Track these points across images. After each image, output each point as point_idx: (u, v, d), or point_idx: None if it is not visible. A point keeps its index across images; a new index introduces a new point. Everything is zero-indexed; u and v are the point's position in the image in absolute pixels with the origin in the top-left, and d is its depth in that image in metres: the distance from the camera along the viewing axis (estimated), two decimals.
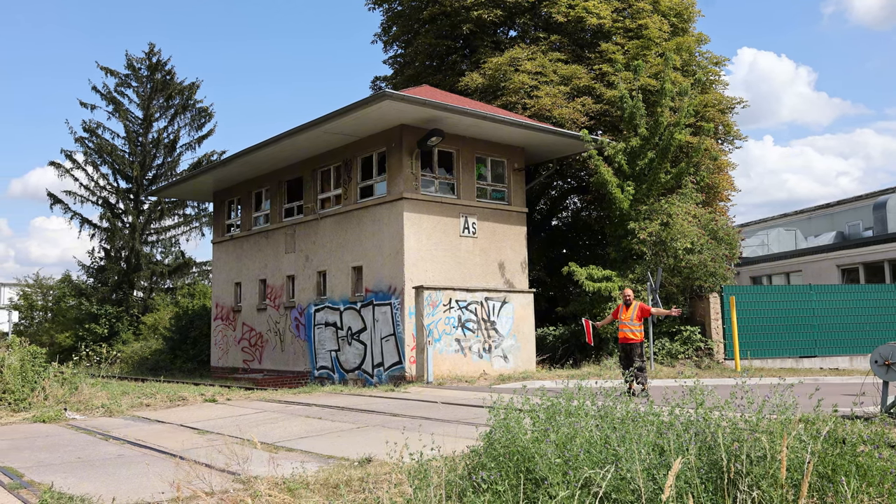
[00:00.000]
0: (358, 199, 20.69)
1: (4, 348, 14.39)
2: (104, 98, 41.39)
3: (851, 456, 4.23)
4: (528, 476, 4.48)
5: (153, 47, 42.40)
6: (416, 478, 4.64)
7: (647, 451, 4.35)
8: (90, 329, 37.74)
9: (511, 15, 27.48)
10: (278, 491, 5.54)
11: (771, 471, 4.04)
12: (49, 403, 13.10)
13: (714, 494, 4.12)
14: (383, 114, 18.40)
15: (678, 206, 20.92)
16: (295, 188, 23.84)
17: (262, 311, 24.67)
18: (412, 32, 30.35)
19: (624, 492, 4.10)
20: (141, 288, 41.66)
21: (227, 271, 26.92)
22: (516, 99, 23.91)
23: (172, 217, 42.66)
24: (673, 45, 24.99)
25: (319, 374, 21.50)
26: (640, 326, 13.43)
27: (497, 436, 4.91)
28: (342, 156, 21.29)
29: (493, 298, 19.98)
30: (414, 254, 18.90)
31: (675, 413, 4.95)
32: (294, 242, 23.13)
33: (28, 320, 47.34)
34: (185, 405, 13.73)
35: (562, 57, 25.55)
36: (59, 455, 8.33)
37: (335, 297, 21.18)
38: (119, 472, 7.17)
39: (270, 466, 6.48)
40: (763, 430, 4.37)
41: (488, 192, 21.14)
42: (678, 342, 20.63)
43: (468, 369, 18.98)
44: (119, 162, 41.22)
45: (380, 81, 32.58)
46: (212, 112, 42.79)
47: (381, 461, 6.86)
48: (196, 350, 31.12)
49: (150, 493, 6.09)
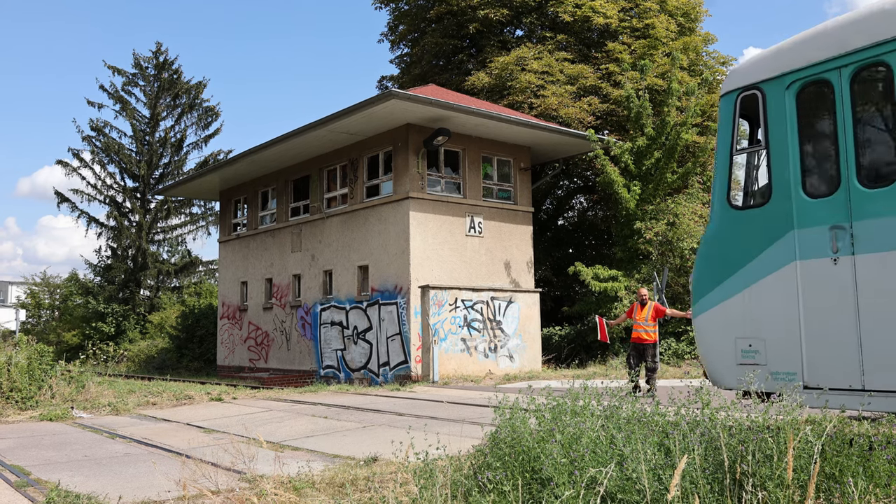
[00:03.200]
0: (364, 199, 20.70)
1: (12, 347, 14.46)
2: (111, 97, 41.60)
3: (858, 457, 4.22)
4: (533, 476, 4.47)
5: (160, 46, 42.59)
6: (422, 477, 4.64)
7: (652, 451, 4.34)
8: (97, 327, 37.90)
9: (518, 14, 27.47)
10: (284, 490, 5.55)
11: (777, 471, 4.03)
12: (56, 402, 13.15)
13: (720, 495, 4.10)
14: (390, 113, 18.41)
15: (685, 206, 20.88)
16: (301, 187, 23.88)
17: (268, 311, 24.72)
18: (419, 32, 30.37)
19: (629, 492, 4.09)
20: (147, 287, 41.81)
21: (234, 270, 26.97)
22: (523, 98, 23.90)
23: (179, 216, 42.82)
24: (680, 44, 24.94)
25: (325, 373, 21.53)
26: (654, 327, 13.14)
27: (502, 436, 4.91)
28: (348, 155, 21.31)
29: (499, 298, 19.97)
30: (420, 253, 18.91)
31: (680, 413, 4.94)
32: (300, 241, 23.17)
33: (35, 319, 47.60)
34: (192, 404, 13.77)
35: (568, 56, 25.53)
36: (66, 453, 8.36)
37: (341, 296, 21.20)
38: (125, 471, 7.19)
39: (276, 465, 6.48)
40: (769, 429, 4.36)
41: (494, 192, 21.12)
42: (684, 342, 20.60)
43: (474, 369, 18.97)
44: (126, 161, 41.37)
45: (386, 81, 32.61)
46: (218, 111, 42.98)
47: (386, 460, 6.86)
48: (202, 349, 31.20)
49: (157, 492, 6.11)
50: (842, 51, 6.22)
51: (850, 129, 6.14)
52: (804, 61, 6.50)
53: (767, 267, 6.56)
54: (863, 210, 5.98)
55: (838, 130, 6.22)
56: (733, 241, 6.87)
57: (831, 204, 6.18)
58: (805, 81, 6.51)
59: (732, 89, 7.03)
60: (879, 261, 5.84)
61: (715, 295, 6.98)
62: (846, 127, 6.17)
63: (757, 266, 6.64)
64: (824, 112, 6.44)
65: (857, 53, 6.11)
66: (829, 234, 6.15)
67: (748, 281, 6.70)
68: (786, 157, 6.50)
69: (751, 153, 6.96)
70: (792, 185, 6.43)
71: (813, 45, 6.48)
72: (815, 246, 6.25)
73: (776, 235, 6.50)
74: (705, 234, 7.24)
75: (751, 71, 6.94)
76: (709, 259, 7.10)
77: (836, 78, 6.26)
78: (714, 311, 7.00)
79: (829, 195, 6.22)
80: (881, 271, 5.82)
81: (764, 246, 6.60)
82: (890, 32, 5.84)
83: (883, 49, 5.86)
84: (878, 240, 5.86)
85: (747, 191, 7.01)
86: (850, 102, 6.17)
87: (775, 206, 6.53)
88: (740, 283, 6.75)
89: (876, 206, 5.88)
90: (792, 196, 6.42)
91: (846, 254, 6.05)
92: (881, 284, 5.83)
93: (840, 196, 6.13)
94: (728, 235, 6.92)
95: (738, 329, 6.77)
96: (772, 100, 6.66)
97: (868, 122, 6.21)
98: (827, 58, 6.31)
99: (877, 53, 5.93)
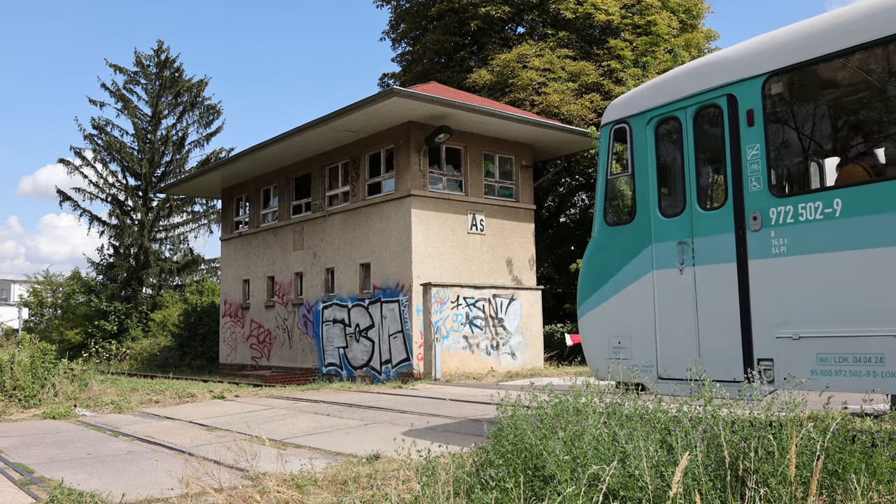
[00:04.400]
0: (366, 196, 20.71)
1: (15, 345, 14.49)
2: (113, 95, 41.58)
3: (861, 453, 4.21)
4: (535, 473, 4.48)
5: (162, 44, 42.57)
6: (425, 474, 4.64)
7: (654, 448, 4.34)
8: (99, 326, 37.94)
9: (519, 11, 27.44)
10: (287, 487, 5.56)
11: (780, 468, 4.03)
12: (59, 400, 13.18)
13: (722, 492, 4.10)
14: (391, 111, 18.40)
15: None
16: (303, 185, 23.89)
17: (270, 308, 24.74)
18: (420, 29, 30.35)
19: (632, 489, 4.09)
20: (150, 285, 41.84)
21: (236, 268, 27.00)
22: (524, 96, 23.88)
23: (181, 214, 42.83)
24: (682, 41, 24.91)
25: (327, 370, 21.55)
26: None
27: (505, 433, 4.91)
28: (350, 153, 21.31)
29: (501, 295, 19.97)
30: (422, 251, 18.91)
31: (683, 410, 4.94)
32: (302, 239, 23.18)
33: (38, 317, 47.67)
34: (194, 402, 13.79)
35: (570, 53, 25.50)
36: (70, 451, 8.38)
37: (343, 294, 21.21)
38: (129, 469, 7.20)
39: (279, 463, 6.49)
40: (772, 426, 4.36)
41: (496, 189, 21.11)
42: None
43: (476, 366, 18.98)
44: (128, 159, 41.39)
45: (388, 78, 32.60)
46: (220, 109, 42.95)
47: (389, 458, 6.87)
48: (205, 347, 31.24)
49: (160, 490, 6.12)
50: (686, 93, 7.34)
51: (692, 159, 7.28)
52: (662, 100, 7.58)
53: (632, 275, 7.68)
54: (701, 228, 7.07)
55: (685, 160, 7.35)
56: (608, 252, 7.99)
57: (679, 223, 7.29)
58: (661, 118, 7.60)
59: (608, 122, 8.10)
60: (711, 272, 6.93)
61: (594, 299, 8.08)
62: (689, 157, 7.30)
63: (625, 274, 7.75)
64: (674, 144, 7.56)
65: (697, 96, 7.22)
66: (677, 249, 7.26)
67: (618, 287, 7.83)
68: (646, 181, 7.61)
69: (621, 178, 8.12)
70: (651, 206, 7.54)
71: (667, 87, 7.59)
72: (666, 258, 7.36)
73: (639, 249, 7.62)
74: (588, 246, 8.27)
75: (623, 106, 8.03)
76: (589, 268, 8.19)
77: (682, 116, 7.37)
78: (593, 312, 8.09)
79: (677, 215, 7.31)
80: (712, 281, 6.90)
81: (630, 257, 7.71)
82: (720, 80, 7.00)
83: (716, 93, 7.02)
84: (710, 254, 6.95)
85: (618, 210, 8.35)
86: (692, 137, 7.29)
87: (638, 223, 7.65)
88: (612, 289, 7.89)
89: (709, 225, 6.96)
90: (650, 215, 7.54)
91: (689, 265, 7.16)
92: (712, 292, 6.89)
93: (685, 216, 7.24)
94: (604, 248, 8.04)
95: (611, 329, 7.87)
96: (636, 133, 7.77)
97: (705, 153, 7.35)
98: (676, 98, 7.41)
99: (712, 97, 7.06)
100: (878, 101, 6.82)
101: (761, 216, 6.56)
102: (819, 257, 6.22)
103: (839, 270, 6.08)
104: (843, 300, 6.08)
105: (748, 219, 6.67)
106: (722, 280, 6.80)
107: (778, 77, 6.71)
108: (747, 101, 6.78)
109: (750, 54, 6.93)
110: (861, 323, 5.98)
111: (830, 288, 6.15)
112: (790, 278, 6.39)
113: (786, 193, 6.72)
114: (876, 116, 6.99)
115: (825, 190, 6.68)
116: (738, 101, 6.85)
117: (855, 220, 5.99)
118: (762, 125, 6.65)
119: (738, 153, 6.81)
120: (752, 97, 6.75)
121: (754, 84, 6.77)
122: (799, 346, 6.35)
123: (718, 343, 6.82)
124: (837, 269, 6.09)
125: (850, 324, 6.03)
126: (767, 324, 6.52)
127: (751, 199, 6.67)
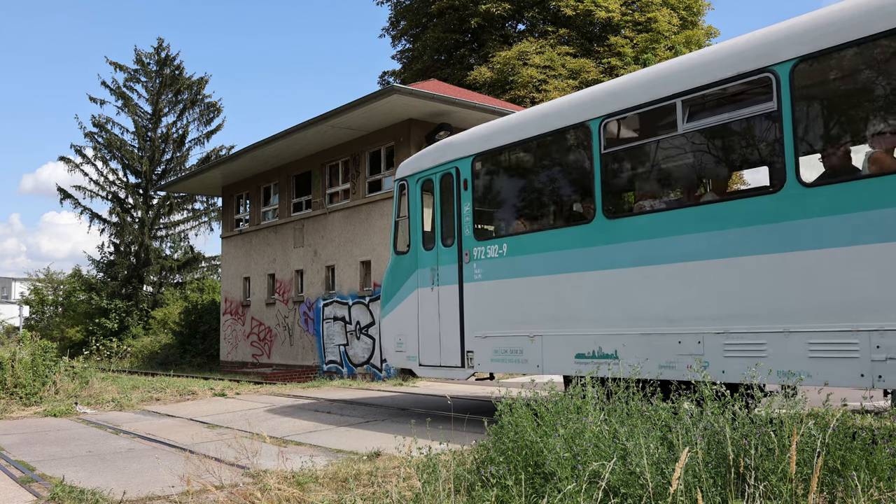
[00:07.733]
0: (366, 194, 20.70)
1: (16, 343, 14.49)
2: (113, 93, 41.55)
3: (861, 450, 4.21)
4: (536, 470, 4.48)
5: (162, 42, 42.55)
6: (425, 472, 4.65)
7: (655, 445, 4.34)
8: (100, 324, 37.94)
9: (519, 9, 27.41)
10: (287, 485, 5.56)
11: (780, 465, 4.03)
12: (60, 398, 13.19)
13: (722, 489, 4.11)
14: (391, 108, 18.39)
15: None
16: (303, 183, 23.87)
17: (270, 306, 24.75)
18: (420, 27, 30.32)
19: (632, 486, 4.10)
20: (150, 283, 41.84)
21: (236, 266, 27.00)
22: (525, 93, 23.87)
23: (181, 212, 42.81)
24: (682, 38, 24.89)
25: (328, 368, 21.56)
26: None
27: (505, 430, 4.91)
28: (350, 150, 21.30)
29: None
30: None
31: (683, 408, 4.94)
32: (302, 237, 23.18)
33: (39, 315, 47.68)
34: (195, 399, 13.80)
35: (570, 51, 25.48)
36: (71, 449, 8.39)
37: (343, 291, 21.22)
38: (129, 466, 7.21)
39: (279, 460, 6.50)
40: (772, 423, 4.36)
41: None
42: None
43: None
44: (128, 157, 41.36)
45: (388, 76, 32.60)
46: (220, 107, 42.89)
47: (389, 455, 6.88)
48: (205, 344, 31.24)
49: (161, 487, 6.13)
50: (438, 161, 10.11)
51: (438, 208, 10.11)
52: (426, 165, 10.35)
53: (407, 291, 10.54)
54: (442, 259, 9.92)
55: (434, 209, 10.17)
56: (396, 274, 10.82)
57: (432, 255, 10.13)
58: (423, 178, 10.41)
59: (396, 178, 10.96)
60: (447, 291, 9.77)
61: (388, 307, 10.94)
62: (437, 207, 10.13)
63: (404, 290, 10.61)
64: (431, 198, 10.31)
65: (442, 165, 10.06)
66: (430, 273, 10.11)
67: (400, 299, 10.68)
68: (417, 223, 10.46)
69: (403, 219, 10.76)
70: (418, 241, 10.40)
71: (431, 156, 10.31)
72: (425, 279, 10.22)
73: (411, 272, 10.48)
74: (387, 268, 11.07)
75: (405, 167, 10.85)
76: (386, 284, 11.04)
77: (434, 178, 10.21)
78: (387, 317, 10.94)
79: (431, 249, 10.16)
80: (447, 297, 9.76)
81: (406, 278, 10.56)
82: (454, 156, 9.88)
83: (449, 165, 9.90)
84: (446, 277, 9.80)
85: (401, 242, 10.85)
86: (439, 193, 10.09)
87: (411, 253, 10.51)
88: (397, 301, 10.74)
89: (446, 257, 9.84)
90: (418, 248, 10.39)
91: (436, 285, 9.98)
92: (447, 305, 9.75)
93: (435, 250, 10.08)
94: (393, 270, 10.88)
95: (396, 329, 10.71)
96: (411, 188, 10.63)
97: (446, 205, 9.98)
98: (432, 165, 10.21)
99: (448, 167, 9.95)
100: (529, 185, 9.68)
101: (469, 253, 9.43)
102: (495, 283, 9.03)
103: (503, 291, 8.89)
104: (505, 312, 8.86)
105: (464, 254, 9.51)
106: (451, 297, 9.65)
107: (480, 158, 9.49)
108: (464, 172, 9.62)
109: (467, 140, 9.79)
110: (511, 328, 8.76)
111: (501, 303, 8.92)
112: (482, 296, 9.20)
113: (482, 238, 9.39)
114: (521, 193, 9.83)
115: (499, 237, 9.23)
116: (460, 171, 9.68)
117: (514, 259, 8.80)
118: (471, 190, 9.50)
119: (459, 208, 9.63)
120: (466, 170, 9.60)
121: (467, 161, 9.60)
122: (485, 342, 9.15)
123: (450, 341, 9.69)
124: (502, 290, 8.91)
125: (507, 328, 8.82)
126: (471, 327, 9.33)
127: (466, 241, 9.52)
